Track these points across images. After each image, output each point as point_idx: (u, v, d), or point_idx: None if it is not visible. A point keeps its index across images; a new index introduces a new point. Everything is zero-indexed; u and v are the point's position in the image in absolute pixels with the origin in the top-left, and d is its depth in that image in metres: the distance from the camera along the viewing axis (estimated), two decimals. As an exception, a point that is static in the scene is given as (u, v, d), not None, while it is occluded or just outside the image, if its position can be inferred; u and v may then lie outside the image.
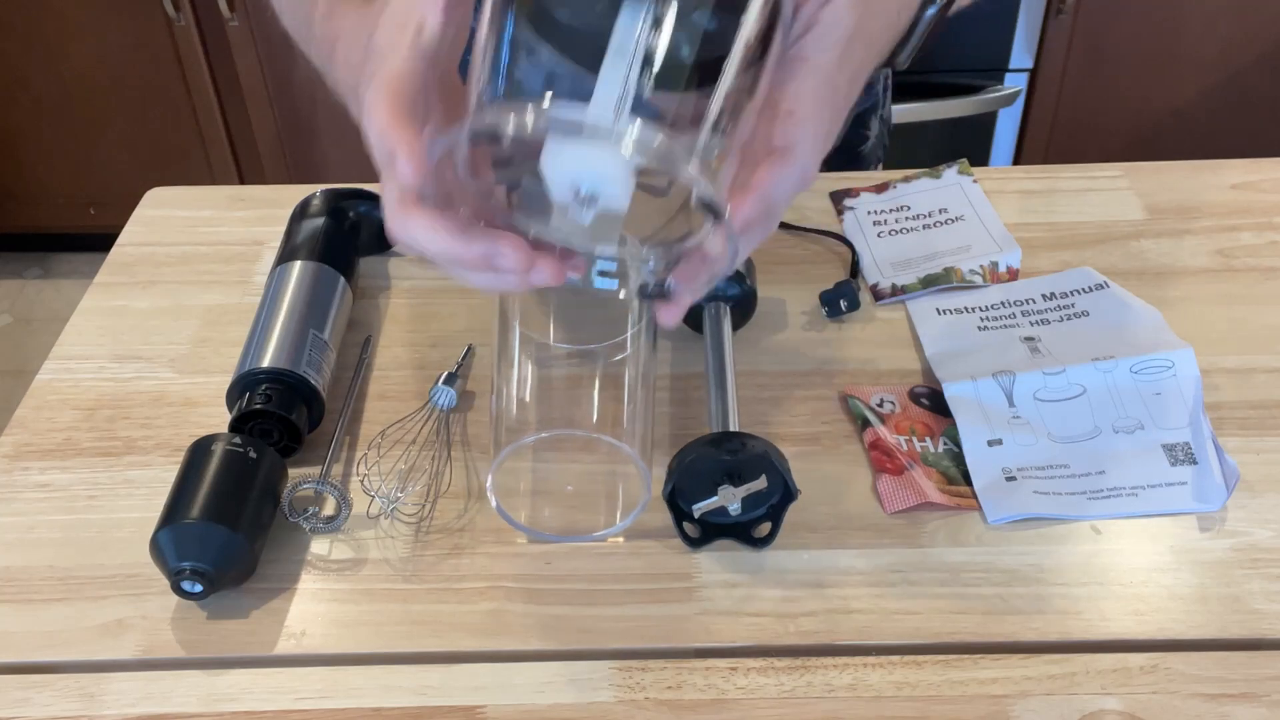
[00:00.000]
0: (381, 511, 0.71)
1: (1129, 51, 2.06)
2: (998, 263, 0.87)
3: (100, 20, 2.12)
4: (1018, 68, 2.07)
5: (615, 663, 0.62)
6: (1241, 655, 0.62)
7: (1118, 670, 0.61)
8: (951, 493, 0.70)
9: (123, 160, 2.30)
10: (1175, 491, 0.70)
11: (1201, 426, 0.73)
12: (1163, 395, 0.75)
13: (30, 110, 2.25)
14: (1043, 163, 1.80)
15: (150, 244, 0.95)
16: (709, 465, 0.66)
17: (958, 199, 0.95)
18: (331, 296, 0.81)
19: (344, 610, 0.66)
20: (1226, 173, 0.98)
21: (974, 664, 0.62)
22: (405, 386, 0.80)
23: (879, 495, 0.71)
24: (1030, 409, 0.75)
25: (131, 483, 0.74)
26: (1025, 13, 1.99)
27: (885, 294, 0.87)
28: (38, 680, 0.63)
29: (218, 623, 0.65)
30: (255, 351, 0.75)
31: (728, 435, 0.68)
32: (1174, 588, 0.65)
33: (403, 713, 0.60)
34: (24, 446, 0.76)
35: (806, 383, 0.79)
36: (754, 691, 0.61)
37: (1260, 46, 2.06)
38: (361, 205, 0.90)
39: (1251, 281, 0.87)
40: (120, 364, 0.83)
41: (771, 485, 0.66)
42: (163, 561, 0.64)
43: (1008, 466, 0.72)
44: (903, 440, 0.74)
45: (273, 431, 0.73)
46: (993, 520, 0.69)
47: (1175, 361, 0.76)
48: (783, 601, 0.65)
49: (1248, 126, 2.15)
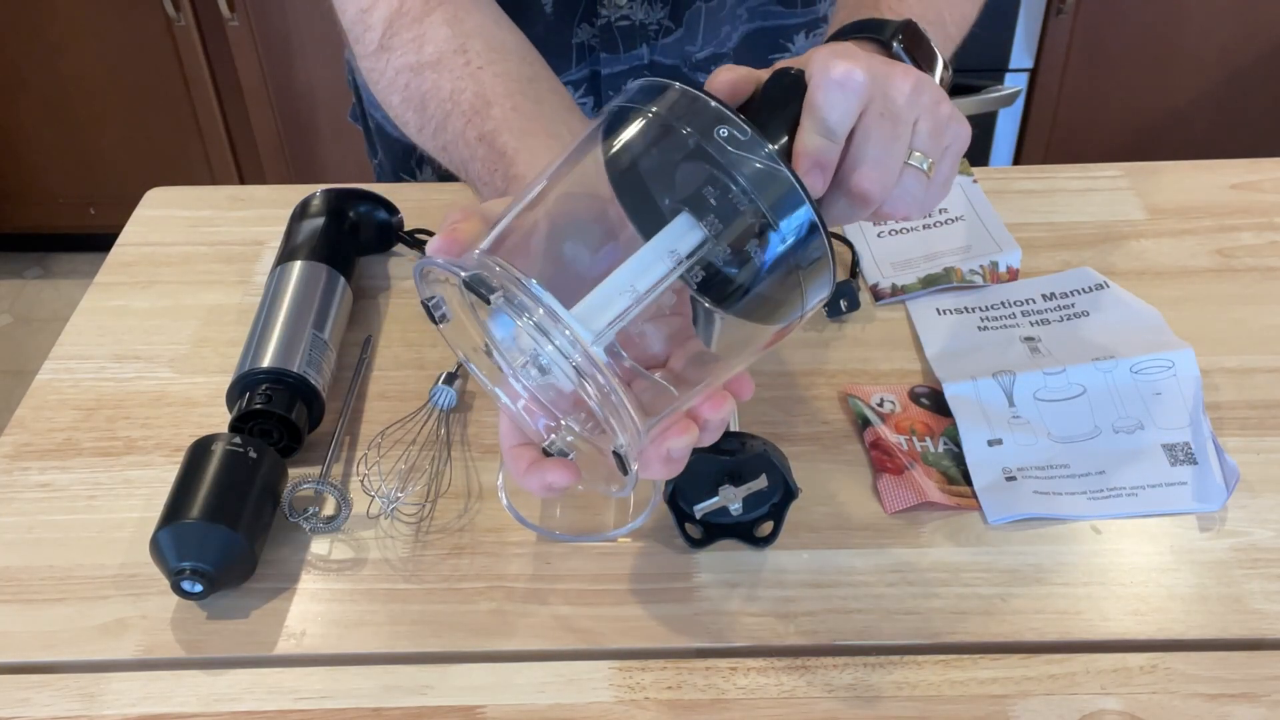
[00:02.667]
0: (381, 511, 0.71)
1: (1129, 51, 2.06)
2: (998, 263, 0.87)
3: (100, 20, 2.12)
4: (1018, 68, 2.06)
5: (615, 663, 0.62)
6: (1241, 655, 0.62)
7: (1118, 670, 0.61)
8: (952, 492, 0.70)
9: (123, 160, 2.30)
10: (1175, 491, 0.70)
11: (1202, 426, 0.73)
12: (1163, 395, 0.75)
13: (30, 110, 2.25)
14: (1043, 163, 1.80)
15: (150, 244, 0.95)
16: (709, 466, 0.66)
17: (958, 199, 0.95)
18: (331, 296, 0.81)
19: (344, 610, 0.66)
20: (1226, 173, 0.98)
21: (974, 664, 0.62)
22: (405, 386, 0.80)
23: (879, 495, 0.71)
24: (1030, 409, 0.75)
25: (131, 483, 0.74)
26: (1025, 13, 1.99)
27: (885, 294, 0.87)
28: (38, 680, 0.63)
29: (218, 623, 0.65)
30: (255, 351, 0.75)
31: (727, 435, 0.68)
32: (1174, 588, 0.65)
33: (403, 713, 0.60)
34: (24, 446, 0.76)
35: (806, 383, 0.79)
36: (754, 691, 0.61)
37: (1260, 46, 2.06)
38: (361, 205, 0.90)
39: (1251, 281, 0.87)
40: (120, 364, 0.83)
41: (772, 484, 0.66)
42: (163, 561, 0.64)
43: (1008, 466, 0.72)
44: (903, 440, 0.74)
45: (273, 431, 0.73)
46: (993, 520, 0.69)
47: (1175, 361, 0.76)
48: (783, 601, 0.65)
49: (1248, 126, 2.15)
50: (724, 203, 0.48)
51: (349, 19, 0.73)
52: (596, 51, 0.89)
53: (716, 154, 0.47)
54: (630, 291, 0.49)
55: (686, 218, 0.49)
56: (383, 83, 0.71)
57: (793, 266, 0.49)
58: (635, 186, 0.51)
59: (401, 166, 1.04)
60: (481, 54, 0.66)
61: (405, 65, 0.68)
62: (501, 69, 0.66)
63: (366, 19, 0.71)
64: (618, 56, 0.90)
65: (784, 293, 0.51)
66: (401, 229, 0.92)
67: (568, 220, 0.54)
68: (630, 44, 0.90)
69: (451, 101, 0.65)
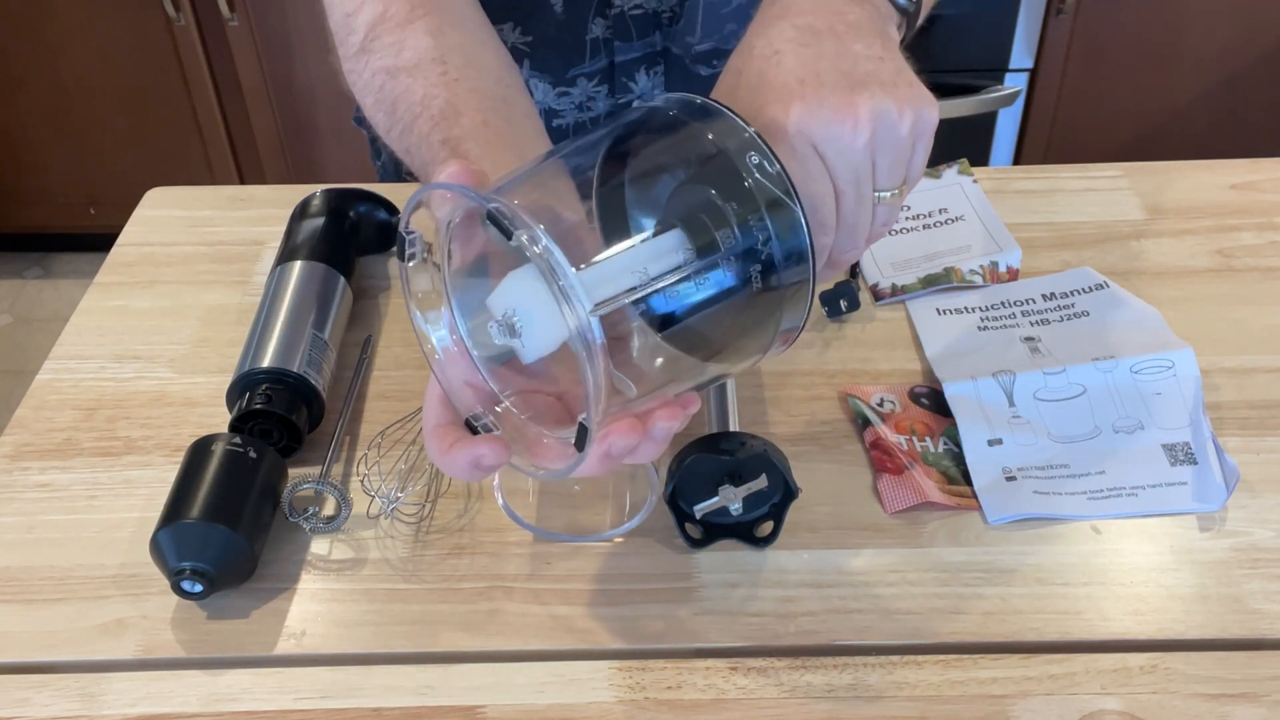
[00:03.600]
0: (381, 511, 0.71)
1: (1129, 51, 2.06)
2: (998, 262, 0.87)
3: (100, 20, 2.12)
4: (1018, 68, 2.06)
5: (615, 663, 0.62)
6: (1241, 655, 0.62)
7: (1118, 670, 0.61)
8: (952, 492, 0.70)
9: (123, 160, 2.30)
10: (1175, 491, 0.70)
11: (1201, 426, 0.73)
12: (1163, 395, 0.75)
13: (30, 110, 2.25)
14: (1043, 163, 1.80)
15: (150, 244, 0.95)
16: (709, 466, 0.66)
17: (957, 199, 0.95)
18: (331, 296, 0.81)
19: (344, 610, 0.66)
20: (1226, 173, 0.98)
21: (974, 664, 0.62)
22: (405, 386, 0.80)
23: (879, 495, 0.71)
24: (1030, 409, 0.75)
25: (131, 483, 0.74)
26: (1025, 13, 1.99)
27: (885, 294, 0.87)
28: (38, 680, 0.63)
29: (218, 623, 0.65)
30: (255, 351, 0.75)
31: (727, 435, 0.68)
32: (1174, 588, 0.65)
33: (403, 713, 0.60)
34: (24, 446, 0.76)
35: (806, 383, 0.79)
36: (754, 691, 0.61)
37: (1260, 46, 2.06)
38: (361, 205, 0.90)
39: (1251, 281, 0.87)
40: (120, 364, 0.83)
41: (772, 484, 0.66)
42: (163, 561, 0.64)
43: (1008, 466, 0.72)
44: (903, 440, 0.74)
45: (273, 431, 0.73)
46: (993, 520, 0.69)
47: (1175, 361, 0.76)
48: (783, 601, 0.65)
49: (1248, 126, 2.15)
50: (743, 222, 0.50)
51: (335, 21, 0.74)
52: (611, 41, 0.90)
53: (747, 176, 0.49)
54: (641, 273, 0.49)
55: (706, 223, 0.50)
56: (360, 84, 0.72)
57: (776, 300, 0.51)
58: (653, 181, 0.53)
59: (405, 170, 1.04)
60: (460, 67, 0.67)
61: (382, 68, 0.69)
62: (477, 84, 0.66)
63: (351, 22, 0.71)
64: (631, 44, 0.91)
65: (759, 320, 0.53)
66: (401, 229, 0.92)
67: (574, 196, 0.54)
68: (644, 31, 0.90)
69: (422, 105, 0.65)
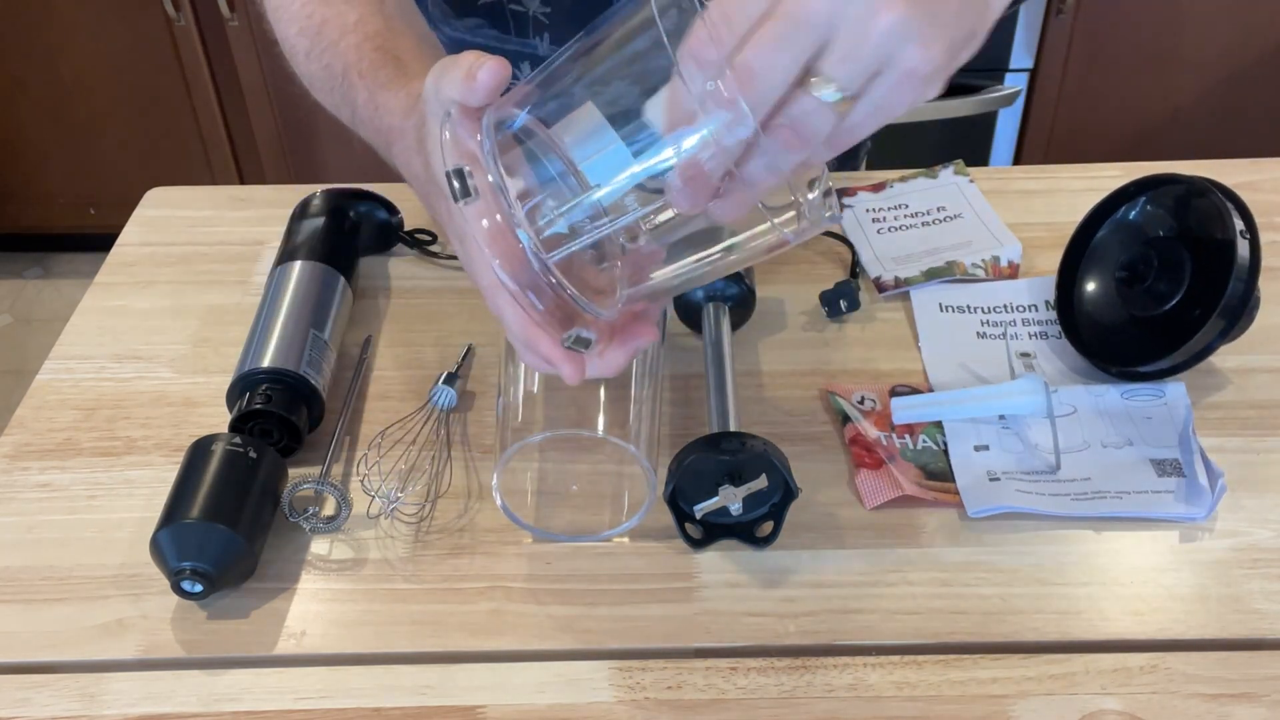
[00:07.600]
0: (381, 511, 0.71)
1: (1129, 51, 2.06)
2: (999, 257, 0.87)
3: (100, 20, 2.12)
4: (1018, 68, 2.06)
5: (615, 663, 0.62)
6: (1241, 655, 0.62)
7: (1118, 670, 0.61)
8: (930, 486, 0.70)
9: (123, 160, 2.30)
10: (1161, 499, 0.69)
11: (1190, 444, 0.72)
12: (1153, 420, 0.75)
13: (30, 111, 2.25)
14: (1043, 163, 1.80)
15: (150, 244, 0.95)
16: (709, 466, 0.66)
17: (955, 198, 0.95)
18: (331, 296, 0.81)
19: (344, 610, 0.66)
20: (1226, 173, 0.97)
21: (974, 664, 0.62)
22: (405, 386, 0.80)
23: (857, 490, 0.71)
24: (1019, 423, 0.75)
25: (131, 483, 0.74)
26: (1025, 13, 1.99)
27: (888, 286, 0.86)
28: (38, 680, 0.63)
29: (218, 623, 0.65)
30: (255, 351, 0.75)
31: (727, 435, 0.68)
32: (1174, 588, 0.65)
33: (403, 713, 0.60)
34: (24, 446, 0.76)
35: (806, 383, 0.79)
36: (754, 691, 0.61)
37: (1260, 46, 2.06)
38: (361, 205, 0.90)
39: (1251, 281, 0.87)
40: (120, 364, 0.83)
41: (772, 484, 0.66)
42: (163, 561, 0.64)
43: (992, 469, 0.72)
44: (882, 436, 0.74)
45: (273, 431, 0.73)
46: (973, 513, 0.69)
47: (1166, 392, 0.76)
48: (783, 601, 0.65)
49: (1248, 126, 2.15)
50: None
51: None
52: None
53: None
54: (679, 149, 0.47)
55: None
56: (286, 16, 0.70)
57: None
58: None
59: None
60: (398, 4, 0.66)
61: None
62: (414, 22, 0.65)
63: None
64: None
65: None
66: (401, 229, 0.92)
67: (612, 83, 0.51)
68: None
69: (356, 26, 0.63)
